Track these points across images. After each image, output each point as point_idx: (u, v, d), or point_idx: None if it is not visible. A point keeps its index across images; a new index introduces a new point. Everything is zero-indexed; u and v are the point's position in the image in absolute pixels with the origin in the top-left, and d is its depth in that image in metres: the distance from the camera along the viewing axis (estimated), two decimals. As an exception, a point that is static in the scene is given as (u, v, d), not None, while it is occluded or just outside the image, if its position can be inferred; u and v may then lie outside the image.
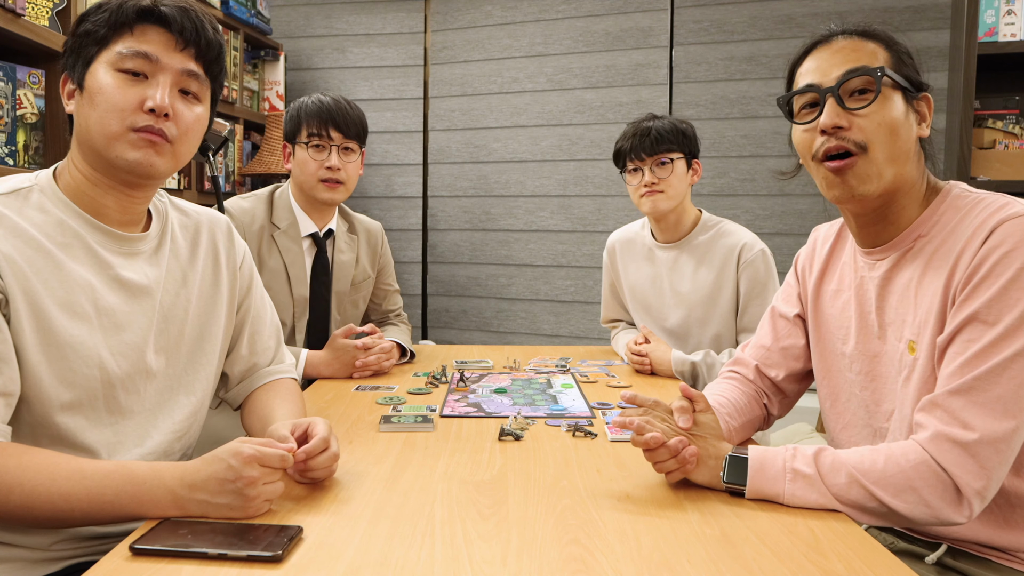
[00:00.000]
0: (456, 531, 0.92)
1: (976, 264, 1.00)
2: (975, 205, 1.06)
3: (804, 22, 3.09)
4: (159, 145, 1.06)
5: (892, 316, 1.13)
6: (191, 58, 1.09)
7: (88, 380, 1.04)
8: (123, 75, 1.04)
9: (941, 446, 0.97)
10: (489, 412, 1.49)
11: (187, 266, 1.21)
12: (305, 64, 3.76)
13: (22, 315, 0.99)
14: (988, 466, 0.95)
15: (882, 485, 0.98)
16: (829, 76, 1.10)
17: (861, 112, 1.07)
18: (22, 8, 1.87)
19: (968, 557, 1.08)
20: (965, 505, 0.96)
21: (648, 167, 1.94)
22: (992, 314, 0.98)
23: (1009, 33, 2.29)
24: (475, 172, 3.60)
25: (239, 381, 1.33)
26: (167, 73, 1.06)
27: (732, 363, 1.43)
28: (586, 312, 3.42)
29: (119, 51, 1.04)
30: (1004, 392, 0.96)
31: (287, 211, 1.94)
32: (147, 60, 1.05)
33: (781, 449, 1.05)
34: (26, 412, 1.01)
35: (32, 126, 1.97)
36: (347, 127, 1.90)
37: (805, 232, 3.11)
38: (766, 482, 1.02)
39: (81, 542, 1.06)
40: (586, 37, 3.39)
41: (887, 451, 1.01)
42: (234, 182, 3.27)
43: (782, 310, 1.38)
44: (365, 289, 2.12)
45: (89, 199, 1.08)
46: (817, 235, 1.37)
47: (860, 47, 1.10)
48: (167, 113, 1.06)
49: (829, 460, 1.01)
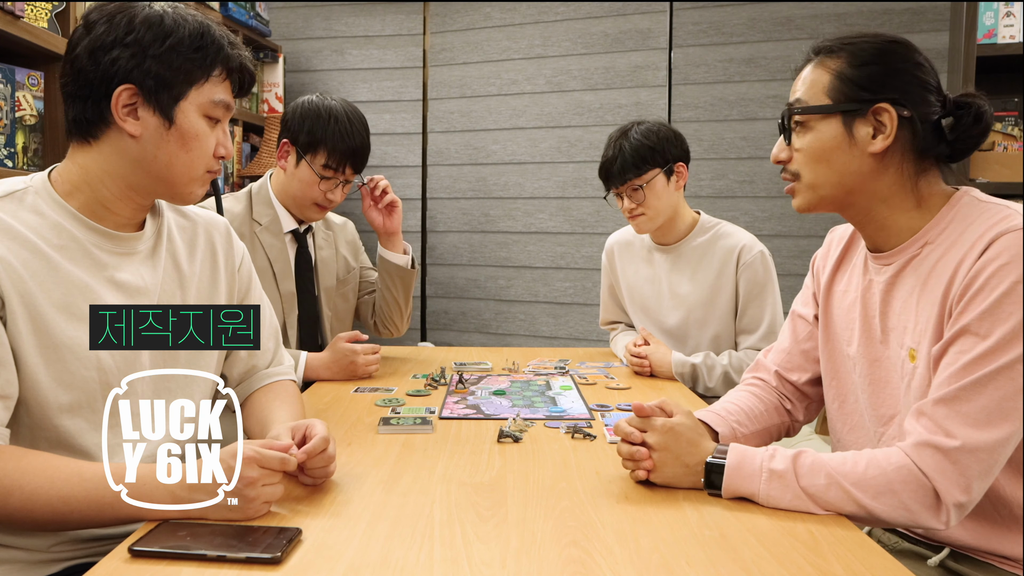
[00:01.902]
0: (455, 533, 0.92)
1: (972, 276, 1.00)
2: (980, 215, 1.05)
3: (803, 24, 3.09)
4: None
5: (895, 322, 1.13)
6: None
7: (86, 382, 1.04)
8: (208, 121, 1.11)
9: (923, 452, 0.97)
10: (488, 414, 1.49)
11: (185, 267, 1.21)
12: (304, 66, 3.76)
13: (19, 318, 0.99)
14: (968, 475, 0.96)
15: (862, 487, 0.98)
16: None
17: (793, 146, 1.16)
18: (21, 10, 1.87)
19: (971, 561, 1.08)
20: (944, 512, 0.97)
21: (624, 194, 1.94)
22: (984, 327, 0.98)
23: (1008, 35, 2.29)
24: (474, 174, 3.60)
25: (238, 383, 1.33)
26: (228, 119, 1.15)
27: (752, 369, 1.42)
28: (585, 314, 3.42)
29: (214, 100, 1.10)
30: (988, 403, 0.96)
31: (267, 207, 1.92)
32: (227, 110, 1.13)
33: (761, 449, 1.05)
34: (25, 415, 1.01)
35: (31, 128, 1.97)
36: (361, 165, 1.90)
37: (804, 234, 3.12)
38: (742, 481, 1.03)
39: (80, 544, 1.06)
40: (585, 39, 3.40)
41: (869, 455, 1.01)
42: (233, 184, 3.27)
43: (801, 312, 1.37)
44: (352, 282, 2.13)
45: (93, 203, 1.08)
46: (832, 236, 1.36)
47: (809, 75, 1.15)
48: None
49: (808, 462, 1.01)
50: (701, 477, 1.06)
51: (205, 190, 1.16)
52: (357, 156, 1.86)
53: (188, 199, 1.15)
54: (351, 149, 1.84)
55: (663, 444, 1.09)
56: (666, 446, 1.09)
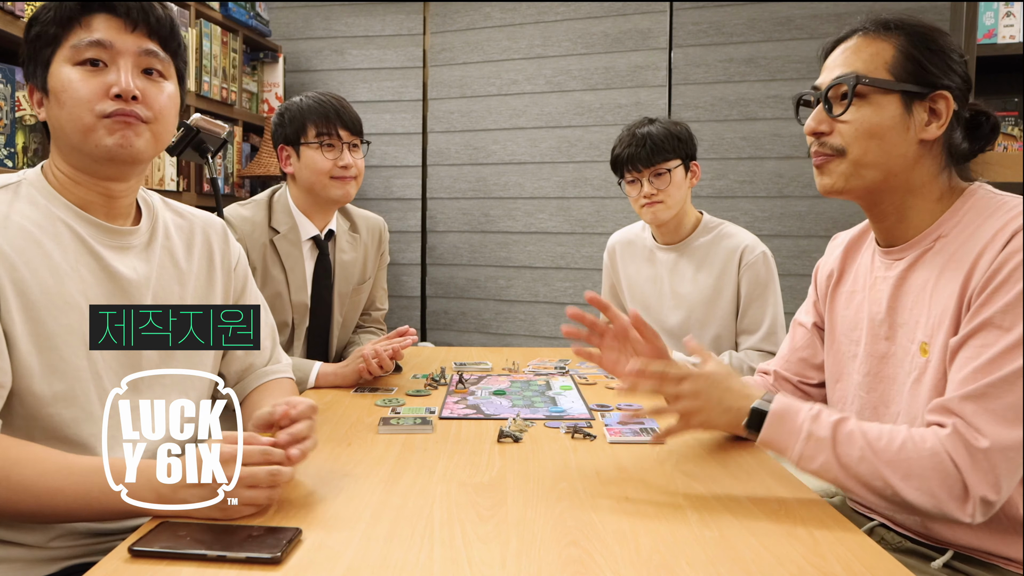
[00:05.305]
0: (455, 533, 0.92)
1: (995, 269, 0.99)
2: (998, 208, 1.05)
3: (803, 24, 3.09)
4: (135, 126, 1.06)
5: (906, 317, 1.13)
6: (145, 37, 1.08)
7: (78, 371, 1.04)
8: (82, 68, 1.05)
9: (957, 445, 0.97)
10: (488, 414, 1.49)
11: (183, 265, 1.21)
12: (304, 66, 3.76)
13: (12, 306, 0.99)
14: (998, 472, 0.95)
15: (893, 466, 0.98)
16: (827, 79, 1.13)
17: (840, 119, 1.10)
18: (21, 10, 1.87)
19: (976, 563, 1.08)
20: (970, 505, 0.96)
21: (646, 178, 1.94)
22: (1008, 320, 0.97)
23: (1008, 35, 2.29)
24: (474, 174, 3.60)
25: (236, 381, 1.33)
26: (125, 57, 1.06)
27: (758, 371, 1.46)
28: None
29: (73, 45, 1.04)
30: (1016, 400, 0.95)
31: (286, 215, 1.91)
32: (102, 48, 1.05)
33: (806, 405, 1.05)
34: (19, 405, 1.01)
35: (31, 128, 1.97)
36: (352, 124, 1.90)
37: (804, 234, 3.12)
38: (782, 435, 1.04)
39: (79, 539, 1.06)
40: (585, 39, 3.40)
41: (907, 434, 1.00)
42: (233, 184, 3.27)
43: (801, 320, 1.39)
44: (366, 290, 2.10)
45: (75, 196, 1.09)
46: (834, 243, 1.37)
47: (865, 47, 1.10)
48: (135, 96, 1.05)
49: (847, 430, 1.01)
50: (744, 418, 1.07)
51: (124, 138, 1.05)
52: (341, 115, 1.88)
53: (102, 154, 1.05)
54: (333, 110, 1.87)
55: (701, 390, 1.10)
56: (705, 392, 1.10)
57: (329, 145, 1.87)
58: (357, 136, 1.91)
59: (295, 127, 1.88)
